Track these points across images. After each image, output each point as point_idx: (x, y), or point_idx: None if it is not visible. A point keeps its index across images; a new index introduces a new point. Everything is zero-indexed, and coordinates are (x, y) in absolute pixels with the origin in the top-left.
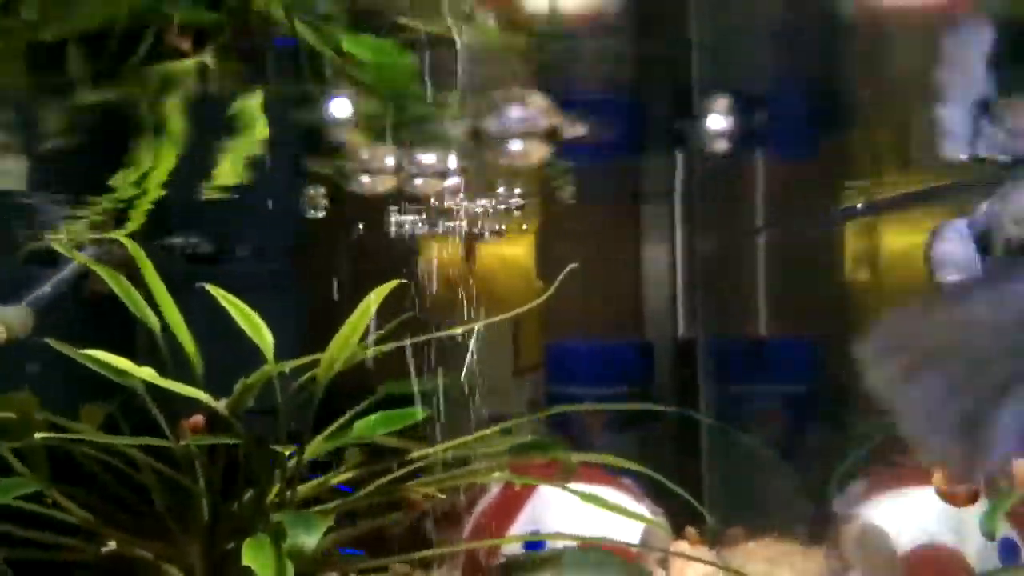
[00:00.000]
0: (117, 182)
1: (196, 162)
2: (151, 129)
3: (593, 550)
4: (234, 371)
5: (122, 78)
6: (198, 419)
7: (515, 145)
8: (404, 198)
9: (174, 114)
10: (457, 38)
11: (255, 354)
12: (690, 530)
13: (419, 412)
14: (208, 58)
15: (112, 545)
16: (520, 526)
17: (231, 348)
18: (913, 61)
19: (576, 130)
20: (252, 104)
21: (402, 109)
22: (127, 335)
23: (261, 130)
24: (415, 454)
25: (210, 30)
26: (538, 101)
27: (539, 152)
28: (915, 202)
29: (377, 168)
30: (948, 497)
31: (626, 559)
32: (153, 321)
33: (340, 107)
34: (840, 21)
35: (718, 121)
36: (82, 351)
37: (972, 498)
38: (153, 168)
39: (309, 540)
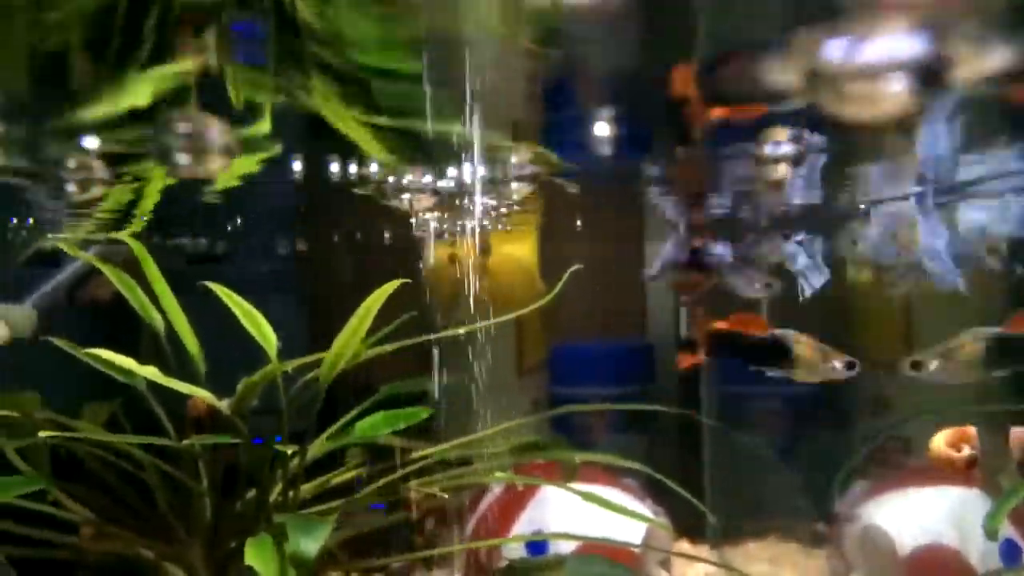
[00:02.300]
0: (119, 183)
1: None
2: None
3: (596, 558)
4: (238, 370)
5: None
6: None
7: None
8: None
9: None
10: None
11: (259, 353)
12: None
13: (423, 411)
14: (210, 42)
15: (87, 532)
16: (522, 526)
17: (235, 347)
18: None
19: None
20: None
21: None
22: (127, 338)
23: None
24: (417, 454)
25: (211, 9)
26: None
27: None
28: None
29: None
30: (946, 462)
31: (628, 560)
32: (157, 320)
33: None
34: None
35: None
36: (86, 350)
37: (970, 463)
38: (156, 170)
39: (312, 546)
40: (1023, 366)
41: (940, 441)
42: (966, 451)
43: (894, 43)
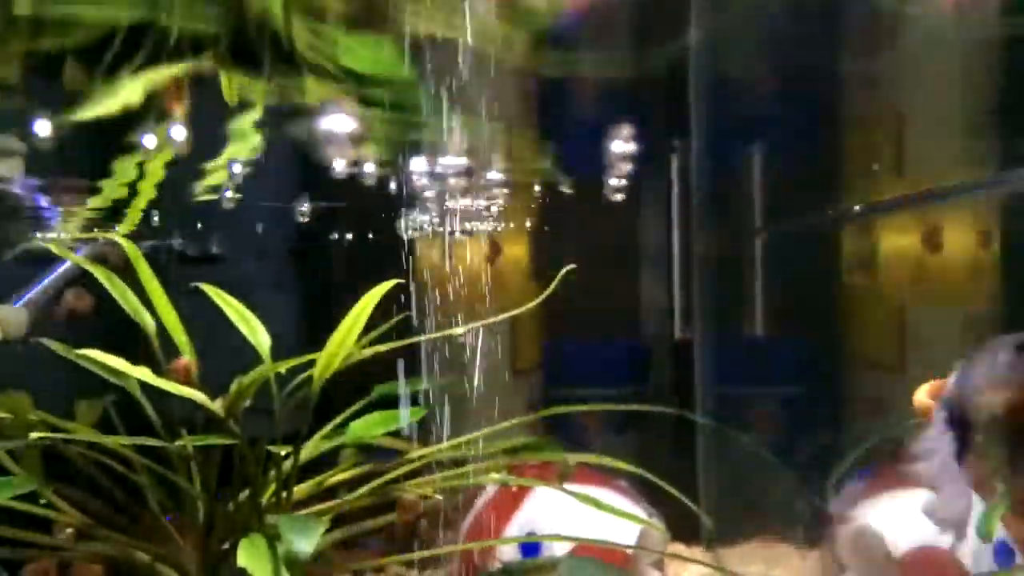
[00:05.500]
0: (111, 183)
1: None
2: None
3: (590, 560)
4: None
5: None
6: (186, 362)
7: None
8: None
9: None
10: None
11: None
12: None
13: (418, 412)
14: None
15: (69, 531)
16: (516, 527)
17: (227, 348)
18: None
19: None
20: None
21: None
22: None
23: (254, 139)
24: (411, 455)
25: (207, 37)
26: None
27: None
28: (912, 204)
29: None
30: (928, 412)
31: (622, 561)
32: (149, 322)
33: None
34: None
35: None
36: (78, 351)
37: None
38: (148, 169)
39: (306, 546)
40: None
41: (923, 393)
42: None
43: None
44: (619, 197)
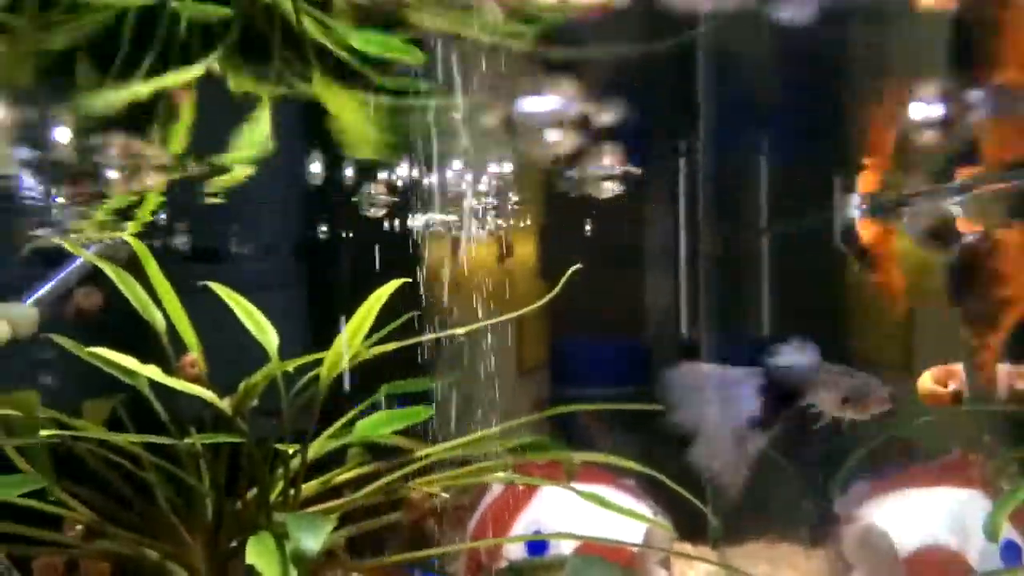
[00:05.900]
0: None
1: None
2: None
3: (596, 558)
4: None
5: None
6: (193, 358)
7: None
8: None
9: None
10: None
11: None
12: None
13: (424, 411)
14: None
15: (79, 529)
16: (522, 526)
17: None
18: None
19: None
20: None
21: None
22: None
23: (264, 131)
24: (418, 453)
25: (218, 27)
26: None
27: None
28: (911, 204)
29: None
30: (933, 398)
31: (628, 559)
32: (158, 320)
33: None
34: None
35: None
36: (88, 348)
37: (956, 398)
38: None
39: (314, 544)
40: None
41: (927, 378)
42: (952, 387)
43: None
44: (626, 196)
